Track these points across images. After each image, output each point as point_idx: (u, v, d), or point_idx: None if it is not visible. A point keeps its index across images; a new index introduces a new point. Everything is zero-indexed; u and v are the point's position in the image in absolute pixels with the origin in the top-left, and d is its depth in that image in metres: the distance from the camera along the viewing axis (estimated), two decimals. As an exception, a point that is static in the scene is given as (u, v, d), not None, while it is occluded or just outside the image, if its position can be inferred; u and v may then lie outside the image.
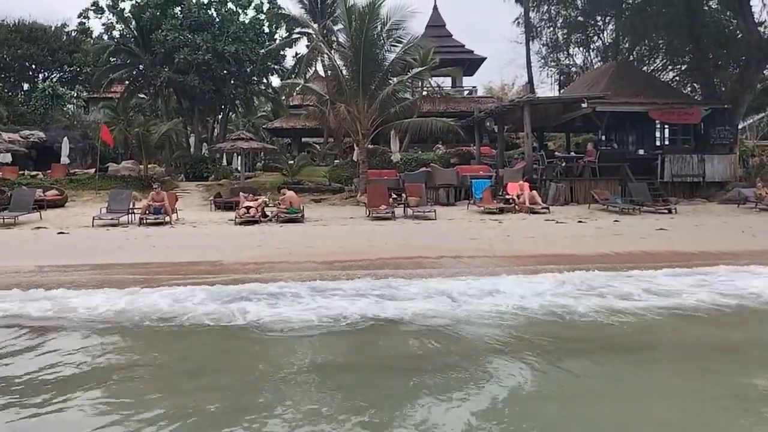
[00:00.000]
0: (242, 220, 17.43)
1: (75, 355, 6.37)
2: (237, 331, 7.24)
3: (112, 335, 7.15)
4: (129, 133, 25.47)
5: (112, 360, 6.32)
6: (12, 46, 41.58)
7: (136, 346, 6.91)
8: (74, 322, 7.60)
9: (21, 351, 6.51)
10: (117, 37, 30.46)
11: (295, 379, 5.67)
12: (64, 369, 5.91)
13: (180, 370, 6.14)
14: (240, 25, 29.06)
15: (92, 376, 5.78)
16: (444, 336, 6.94)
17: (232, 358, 6.53)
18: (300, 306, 8.18)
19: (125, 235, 15.03)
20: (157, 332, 7.26)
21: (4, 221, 16.67)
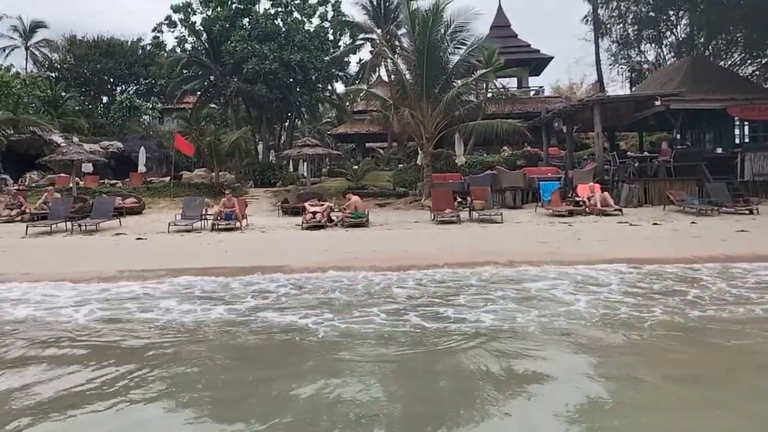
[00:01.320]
0: (309, 225, 17.68)
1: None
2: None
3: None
4: (201, 142, 26.34)
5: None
6: (92, 61, 43.83)
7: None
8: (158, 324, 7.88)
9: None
10: (189, 50, 31.61)
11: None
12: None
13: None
14: (305, 33, 29.59)
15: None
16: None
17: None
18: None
19: (198, 241, 15.52)
20: (232, 333, 7.41)
21: (87, 228, 17.52)
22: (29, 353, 6.65)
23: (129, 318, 8.05)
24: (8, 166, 32.45)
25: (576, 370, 5.73)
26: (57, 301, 9.06)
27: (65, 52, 46.42)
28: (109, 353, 6.56)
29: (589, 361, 6.09)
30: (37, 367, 6.15)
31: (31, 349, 6.78)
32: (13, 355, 6.59)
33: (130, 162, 32.55)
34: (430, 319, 7.60)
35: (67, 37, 46.49)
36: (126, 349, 6.73)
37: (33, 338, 7.19)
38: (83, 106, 43.02)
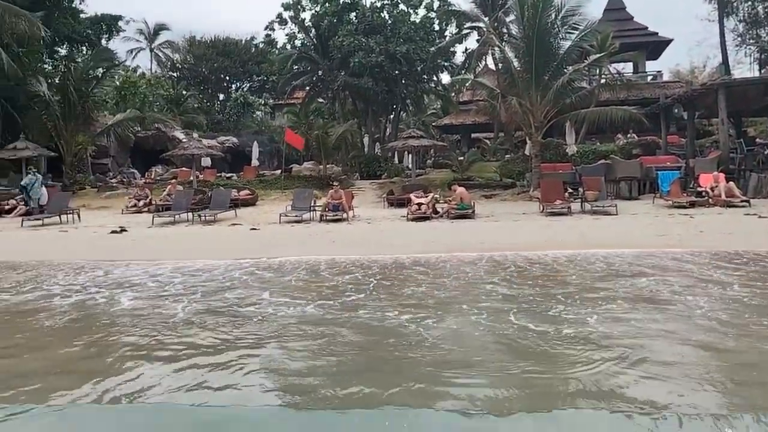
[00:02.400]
0: (414, 216, 17.69)
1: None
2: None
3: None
4: (309, 135, 27.05)
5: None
6: (209, 61, 46.23)
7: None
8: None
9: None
10: (298, 46, 32.51)
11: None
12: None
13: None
14: (411, 25, 29.57)
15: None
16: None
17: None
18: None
19: (308, 231, 15.94)
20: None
21: (206, 218, 18.48)
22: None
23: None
24: (136, 161, 34.96)
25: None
26: (215, 269, 9.59)
27: (185, 53, 49.28)
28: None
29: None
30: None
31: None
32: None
33: (244, 156, 34.02)
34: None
35: (187, 38, 49.37)
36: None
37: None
38: (202, 103, 45.48)
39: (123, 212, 20.93)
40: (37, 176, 21.29)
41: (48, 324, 6.98)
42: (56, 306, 7.92)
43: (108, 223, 18.25)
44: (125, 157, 35.10)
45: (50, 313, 7.53)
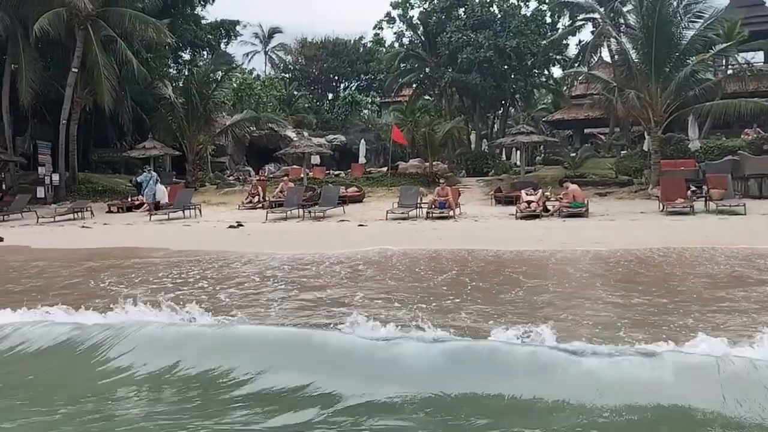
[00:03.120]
0: (523, 214, 17.28)
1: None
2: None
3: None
4: (416, 133, 27.09)
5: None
6: (319, 61, 47.53)
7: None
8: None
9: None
10: (406, 44, 32.62)
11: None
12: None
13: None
14: (521, 18, 28.89)
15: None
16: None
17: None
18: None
19: (414, 228, 15.99)
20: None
21: (315, 214, 18.99)
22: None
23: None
24: (250, 159, 36.57)
25: None
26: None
27: (297, 54, 50.91)
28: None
29: None
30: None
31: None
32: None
33: (352, 154, 34.65)
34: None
35: (299, 41, 50.90)
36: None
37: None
38: (312, 103, 46.82)
39: (239, 208, 21.91)
40: (150, 174, 22.73)
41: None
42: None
43: (226, 218, 19.18)
44: (241, 156, 36.81)
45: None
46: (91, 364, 4.63)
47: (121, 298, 6.28)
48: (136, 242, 14.77)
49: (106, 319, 5.56)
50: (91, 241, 15.27)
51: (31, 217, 20.74)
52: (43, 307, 6.08)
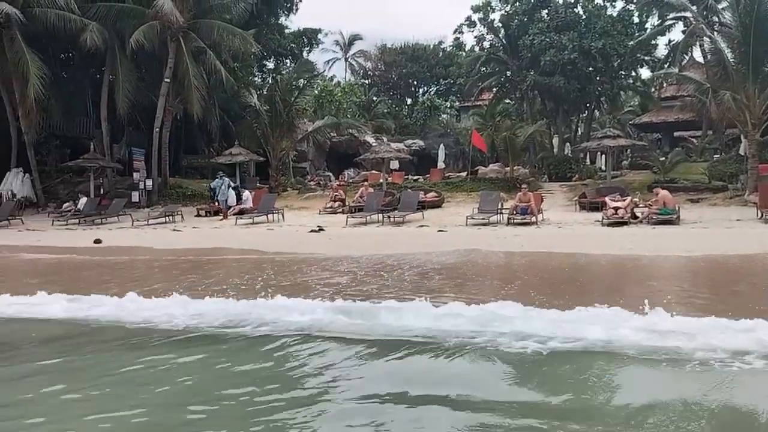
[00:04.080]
0: (610, 221, 16.68)
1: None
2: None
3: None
4: (496, 137, 26.73)
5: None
6: (399, 67, 47.81)
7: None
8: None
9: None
10: (487, 48, 32.28)
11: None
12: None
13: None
14: (607, 18, 27.97)
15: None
16: None
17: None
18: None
19: (495, 234, 15.73)
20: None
21: (395, 219, 19.04)
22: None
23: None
24: (330, 165, 37.18)
25: None
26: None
27: (377, 60, 51.39)
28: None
29: None
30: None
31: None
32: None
33: (430, 158, 34.58)
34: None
35: (379, 47, 51.37)
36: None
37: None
38: (390, 108, 47.08)
39: (320, 213, 22.27)
40: (222, 180, 23.44)
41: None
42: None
43: (307, 222, 19.57)
44: (321, 161, 37.49)
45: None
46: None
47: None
48: (229, 244, 15.45)
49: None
50: (190, 242, 16.15)
51: (126, 220, 21.86)
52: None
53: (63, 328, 6.97)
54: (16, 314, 7.55)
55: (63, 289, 8.65)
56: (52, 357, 5.96)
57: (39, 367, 5.66)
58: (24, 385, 5.19)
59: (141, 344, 6.30)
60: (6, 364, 5.88)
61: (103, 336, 6.70)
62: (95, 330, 6.89)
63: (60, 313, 7.39)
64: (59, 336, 6.76)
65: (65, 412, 4.57)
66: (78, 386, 5.10)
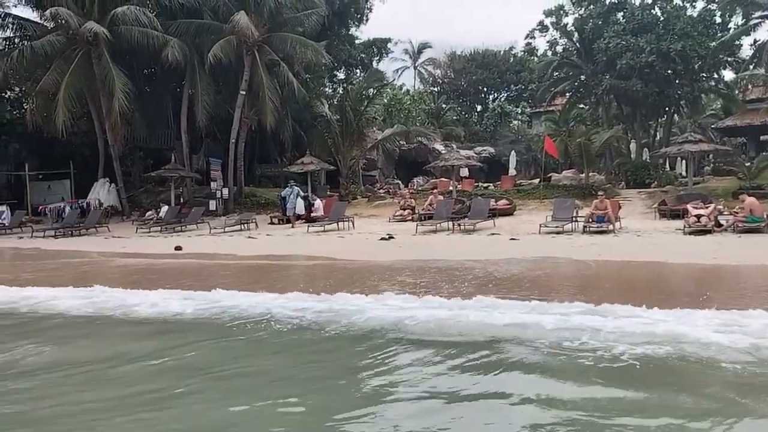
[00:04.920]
0: (692, 229, 15.96)
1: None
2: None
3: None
4: (570, 143, 26.12)
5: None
6: (468, 74, 47.59)
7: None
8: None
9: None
10: (560, 52, 31.70)
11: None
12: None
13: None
14: (687, 19, 26.93)
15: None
16: None
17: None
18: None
19: (570, 242, 15.34)
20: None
21: (465, 227, 18.88)
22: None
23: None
24: (399, 172, 37.32)
25: None
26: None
27: (446, 68, 51.34)
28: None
29: None
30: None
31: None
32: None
33: (500, 165, 34.16)
34: None
35: (448, 54, 51.33)
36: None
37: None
38: (460, 115, 46.91)
39: (389, 220, 22.34)
40: (292, 188, 23.84)
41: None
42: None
43: (377, 230, 19.66)
44: (390, 169, 37.69)
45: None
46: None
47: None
48: (307, 251, 15.86)
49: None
50: (266, 249, 16.53)
51: (204, 227, 22.65)
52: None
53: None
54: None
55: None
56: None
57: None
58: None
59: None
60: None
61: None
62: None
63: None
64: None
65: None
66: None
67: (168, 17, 26.52)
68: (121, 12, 24.51)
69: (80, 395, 5.67)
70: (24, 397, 5.66)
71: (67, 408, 5.34)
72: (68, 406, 5.38)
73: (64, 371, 6.36)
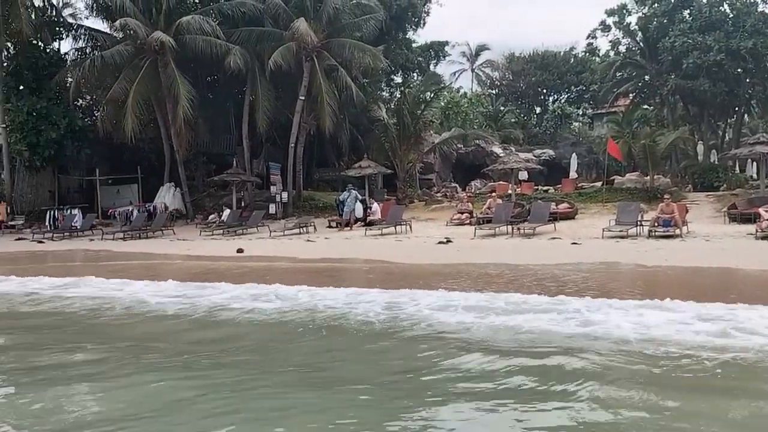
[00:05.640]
0: (765, 233, 15.24)
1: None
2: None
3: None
4: (633, 145, 25.37)
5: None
6: (527, 75, 46.90)
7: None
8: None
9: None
10: (623, 52, 30.92)
11: None
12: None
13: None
14: (758, 16, 25.79)
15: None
16: None
17: None
18: None
19: (635, 247, 14.91)
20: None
21: (525, 231, 18.59)
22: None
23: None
24: (456, 176, 37.07)
25: None
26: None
27: (504, 70, 50.74)
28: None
29: None
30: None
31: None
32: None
33: (561, 168, 33.49)
34: None
35: (506, 56, 50.69)
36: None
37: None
38: (518, 117, 46.27)
39: (447, 224, 22.18)
40: (350, 192, 23.95)
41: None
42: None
43: (434, 234, 19.61)
44: (447, 172, 37.49)
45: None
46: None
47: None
48: (365, 255, 16.02)
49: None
50: (325, 252, 16.79)
51: (264, 230, 23.06)
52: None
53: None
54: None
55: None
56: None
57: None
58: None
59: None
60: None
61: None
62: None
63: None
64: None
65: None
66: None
67: (230, 25, 27.22)
68: (186, 21, 25.32)
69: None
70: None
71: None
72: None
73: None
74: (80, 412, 5.30)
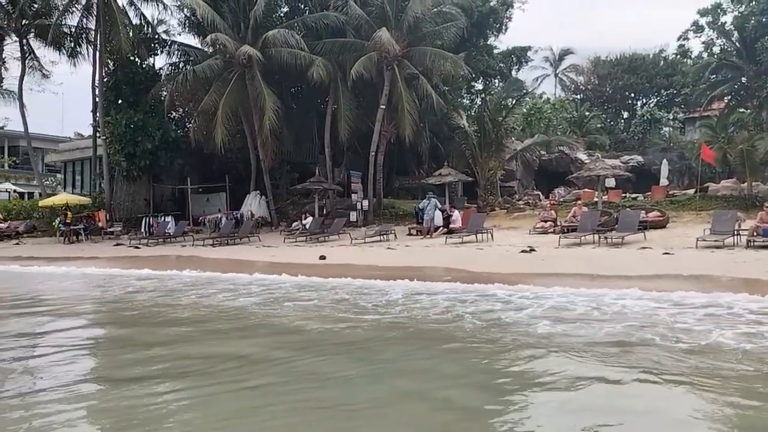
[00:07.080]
0: None
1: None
2: None
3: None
4: (729, 150, 24.01)
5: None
6: (614, 79, 45.40)
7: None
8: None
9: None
10: (717, 53, 29.45)
11: None
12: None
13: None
14: None
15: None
16: None
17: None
18: None
19: (732, 258, 14.09)
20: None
21: (612, 240, 17.93)
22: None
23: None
24: (539, 183, 36.30)
25: None
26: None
27: (589, 74, 49.34)
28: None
29: None
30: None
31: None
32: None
33: (650, 175, 32.13)
34: None
35: (592, 60, 49.27)
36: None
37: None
38: (605, 123, 44.83)
39: (530, 233, 21.75)
40: (430, 200, 23.80)
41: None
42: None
43: (516, 242, 19.23)
44: (530, 180, 36.78)
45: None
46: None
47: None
48: (445, 263, 15.87)
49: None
50: (406, 260, 16.82)
51: (345, 238, 23.40)
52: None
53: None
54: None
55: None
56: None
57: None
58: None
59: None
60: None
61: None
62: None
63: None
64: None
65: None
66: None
67: (314, 37, 27.90)
68: (272, 35, 26.15)
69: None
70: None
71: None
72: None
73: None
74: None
